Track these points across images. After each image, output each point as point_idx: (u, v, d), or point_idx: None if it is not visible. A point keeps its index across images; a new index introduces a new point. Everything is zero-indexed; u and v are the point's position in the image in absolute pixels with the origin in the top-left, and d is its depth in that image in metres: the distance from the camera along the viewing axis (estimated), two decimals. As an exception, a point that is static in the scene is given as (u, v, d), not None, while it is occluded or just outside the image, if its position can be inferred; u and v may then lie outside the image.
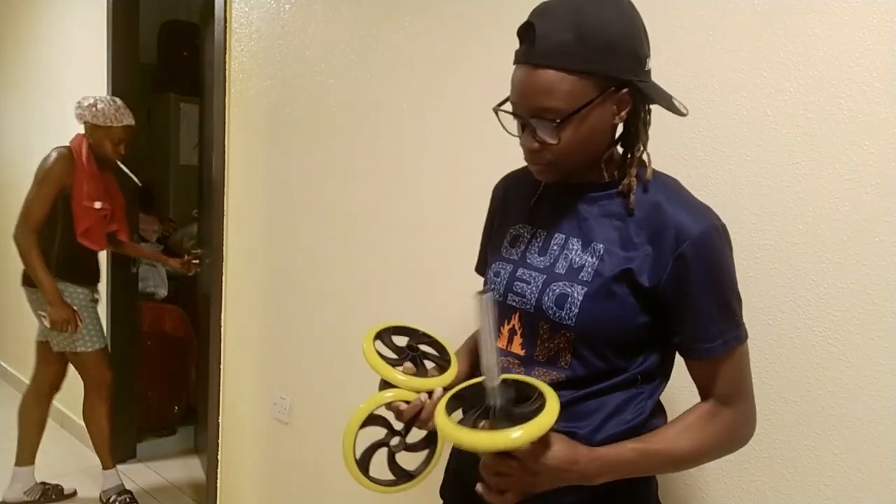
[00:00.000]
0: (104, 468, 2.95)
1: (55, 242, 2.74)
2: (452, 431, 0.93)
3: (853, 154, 1.18)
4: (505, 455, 0.95)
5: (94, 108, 2.74)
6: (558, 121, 0.99)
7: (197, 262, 3.10)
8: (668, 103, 1.04)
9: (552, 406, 0.93)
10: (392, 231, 1.99)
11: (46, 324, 2.71)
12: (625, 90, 1.01)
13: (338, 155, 2.14)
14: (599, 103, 1.00)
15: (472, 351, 1.30)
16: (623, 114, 1.03)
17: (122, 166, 2.87)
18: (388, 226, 2.00)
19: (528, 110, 1.01)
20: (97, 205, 2.75)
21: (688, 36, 1.36)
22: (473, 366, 1.27)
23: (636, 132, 1.05)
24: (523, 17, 1.04)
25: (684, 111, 1.05)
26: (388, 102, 1.97)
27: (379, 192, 2.01)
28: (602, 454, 1.00)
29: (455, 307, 1.82)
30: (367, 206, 2.05)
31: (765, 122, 1.27)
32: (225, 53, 2.52)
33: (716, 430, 1.05)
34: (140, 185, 3.08)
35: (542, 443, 0.95)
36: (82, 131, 2.80)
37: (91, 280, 2.87)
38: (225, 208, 2.59)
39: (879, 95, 1.15)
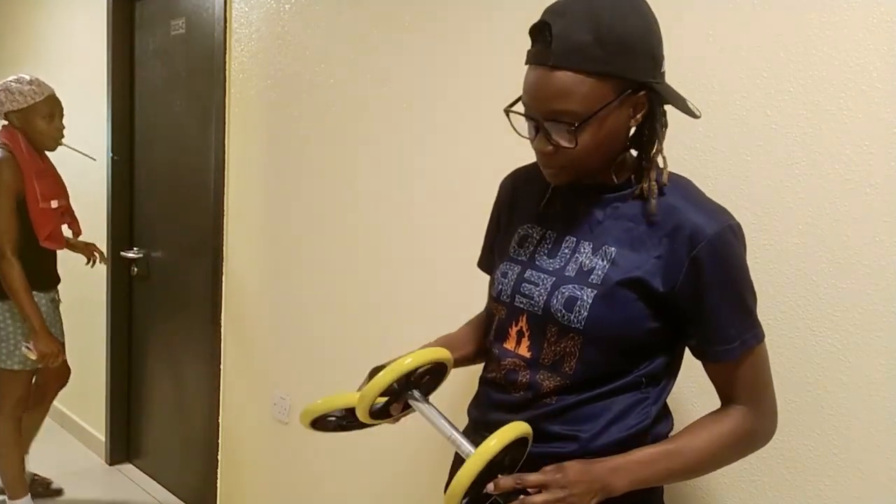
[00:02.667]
0: (13, 499, 2.64)
1: (21, 253, 2.46)
2: (454, 486, 0.96)
3: (853, 154, 1.18)
4: (522, 482, 0.98)
5: (8, 93, 2.47)
6: (576, 124, 0.96)
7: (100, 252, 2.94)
8: (683, 105, 1.03)
9: (519, 421, 1.01)
10: (392, 231, 1.99)
11: (32, 356, 2.49)
12: (642, 92, 0.99)
13: (337, 155, 2.14)
14: (616, 106, 0.97)
15: (475, 329, 1.31)
16: (639, 116, 1.01)
17: (70, 146, 2.65)
18: (388, 225, 2.00)
19: (543, 113, 0.98)
20: (54, 204, 2.52)
21: (687, 36, 1.36)
22: (480, 351, 1.27)
23: (652, 134, 1.04)
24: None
25: (697, 113, 1.03)
26: (388, 102, 1.97)
27: (379, 191, 2.01)
28: (616, 461, 1.01)
29: (455, 306, 1.82)
30: (367, 205, 2.06)
31: (765, 122, 1.27)
32: (225, 53, 2.52)
33: (736, 429, 1.04)
34: (95, 159, 2.91)
35: (553, 467, 0.98)
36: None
37: (53, 283, 2.67)
38: (224, 208, 2.59)
39: (879, 95, 1.15)
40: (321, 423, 1.19)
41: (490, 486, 0.97)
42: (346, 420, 1.20)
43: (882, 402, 1.17)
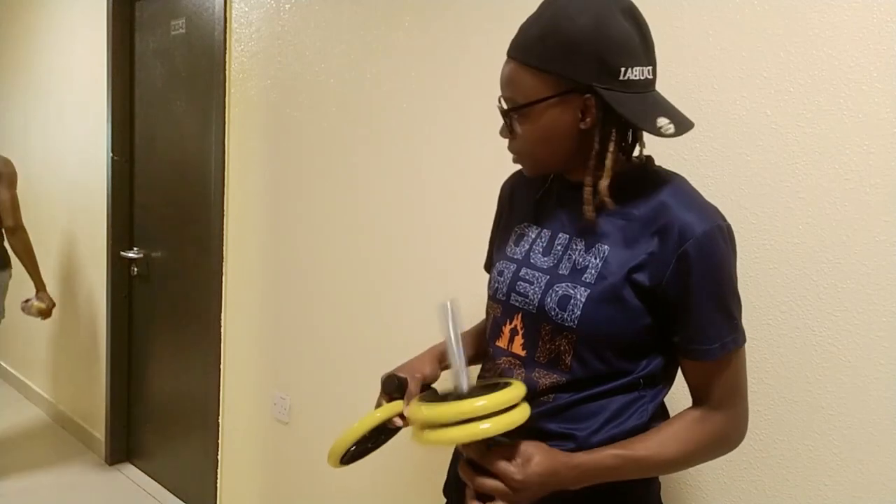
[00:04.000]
0: None
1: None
2: (418, 410, 0.96)
3: (853, 154, 1.18)
4: (486, 461, 0.98)
5: None
6: (510, 110, 1.03)
7: None
8: (644, 121, 0.99)
9: (518, 385, 0.98)
10: (392, 231, 1.99)
11: (34, 312, 3.10)
12: (588, 96, 0.99)
13: (337, 155, 2.14)
14: (556, 103, 1.00)
15: (477, 334, 1.31)
16: (588, 120, 1.00)
17: None
18: (387, 225, 2.00)
19: (501, 100, 1.06)
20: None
21: (688, 36, 1.36)
22: (478, 355, 1.28)
23: (604, 140, 1.01)
24: (522, 17, 1.04)
25: (670, 131, 0.99)
26: (388, 102, 1.97)
27: (378, 191, 2.02)
28: (581, 462, 1.00)
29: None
30: (366, 205, 2.06)
31: (765, 122, 1.27)
32: (225, 53, 2.52)
33: (704, 435, 1.04)
34: None
35: (523, 457, 0.98)
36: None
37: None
38: (225, 208, 2.59)
39: (879, 95, 1.15)
40: (348, 456, 1.18)
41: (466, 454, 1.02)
42: (370, 441, 1.19)
43: (882, 402, 1.17)
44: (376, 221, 2.03)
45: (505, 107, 1.05)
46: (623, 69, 0.98)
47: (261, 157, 2.43)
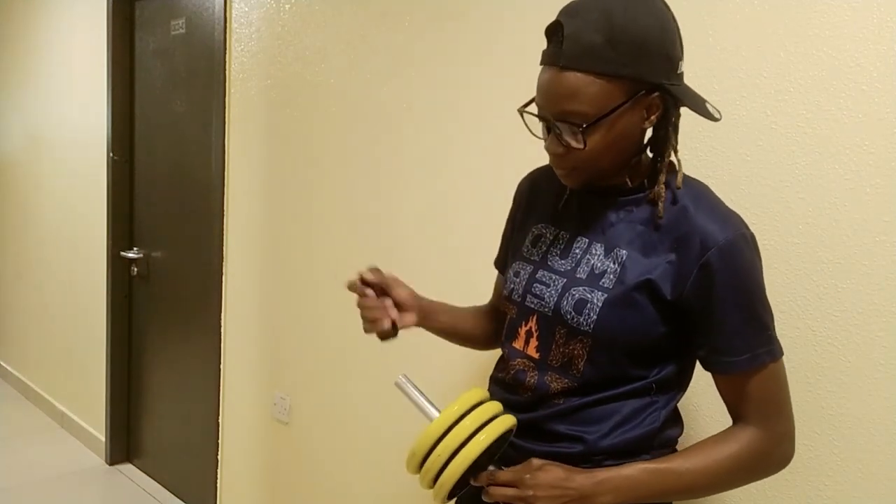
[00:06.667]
0: None
1: None
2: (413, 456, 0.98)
3: (853, 154, 1.18)
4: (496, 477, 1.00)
5: None
6: (584, 125, 0.95)
7: None
8: (702, 108, 1.01)
9: (509, 415, 1.02)
10: (392, 231, 1.99)
11: None
12: (655, 94, 0.97)
13: (337, 155, 2.14)
14: (629, 108, 0.96)
15: (479, 314, 1.35)
16: (653, 118, 0.99)
17: None
18: (387, 226, 2.00)
19: (553, 113, 0.98)
20: None
21: (688, 36, 1.35)
22: (474, 335, 1.32)
23: (666, 137, 1.02)
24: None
25: (717, 116, 1.01)
26: (388, 103, 1.97)
27: (378, 192, 2.01)
28: (602, 471, 0.99)
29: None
30: (366, 206, 2.06)
31: (765, 122, 1.27)
32: (225, 53, 2.52)
33: (741, 453, 0.99)
34: None
35: (536, 467, 0.98)
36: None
37: None
38: (225, 208, 2.59)
39: (879, 95, 1.15)
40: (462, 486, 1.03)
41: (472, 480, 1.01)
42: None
43: (882, 402, 1.17)
44: (376, 221, 2.03)
45: (574, 122, 0.96)
46: (679, 63, 0.99)
47: (261, 157, 2.43)
